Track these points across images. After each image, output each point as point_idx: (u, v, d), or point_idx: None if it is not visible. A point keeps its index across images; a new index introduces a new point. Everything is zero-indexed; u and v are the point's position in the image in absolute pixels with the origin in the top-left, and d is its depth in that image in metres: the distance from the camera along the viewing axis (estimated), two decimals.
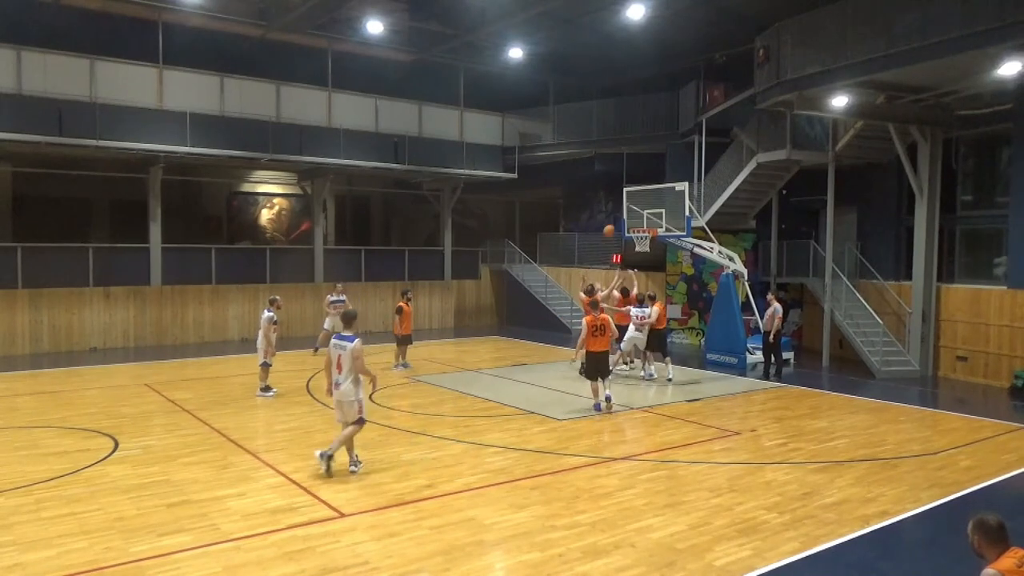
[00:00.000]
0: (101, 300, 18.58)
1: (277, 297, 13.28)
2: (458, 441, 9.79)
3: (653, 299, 14.66)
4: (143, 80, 18.09)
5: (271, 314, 12.46)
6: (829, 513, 7.22)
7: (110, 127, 17.35)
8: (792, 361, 16.81)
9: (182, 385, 13.54)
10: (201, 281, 19.88)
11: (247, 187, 24.84)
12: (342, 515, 7.02)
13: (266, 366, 12.50)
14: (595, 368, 11.57)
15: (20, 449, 9.29)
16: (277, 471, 8.37)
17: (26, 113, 16.43)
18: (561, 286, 24.44)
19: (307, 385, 13.58)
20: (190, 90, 18.69)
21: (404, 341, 15.62)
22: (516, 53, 22.21)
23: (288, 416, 11.27)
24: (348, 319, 8.57)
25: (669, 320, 16.76)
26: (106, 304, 18.63)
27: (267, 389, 12.55)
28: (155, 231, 19.24)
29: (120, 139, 17.50)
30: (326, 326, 17.10)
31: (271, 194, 25.34)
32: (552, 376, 14.69)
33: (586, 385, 11.77)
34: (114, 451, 9.17)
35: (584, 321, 11.53)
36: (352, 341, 8.16)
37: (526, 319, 24.05)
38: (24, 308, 17.63)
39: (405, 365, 15.49)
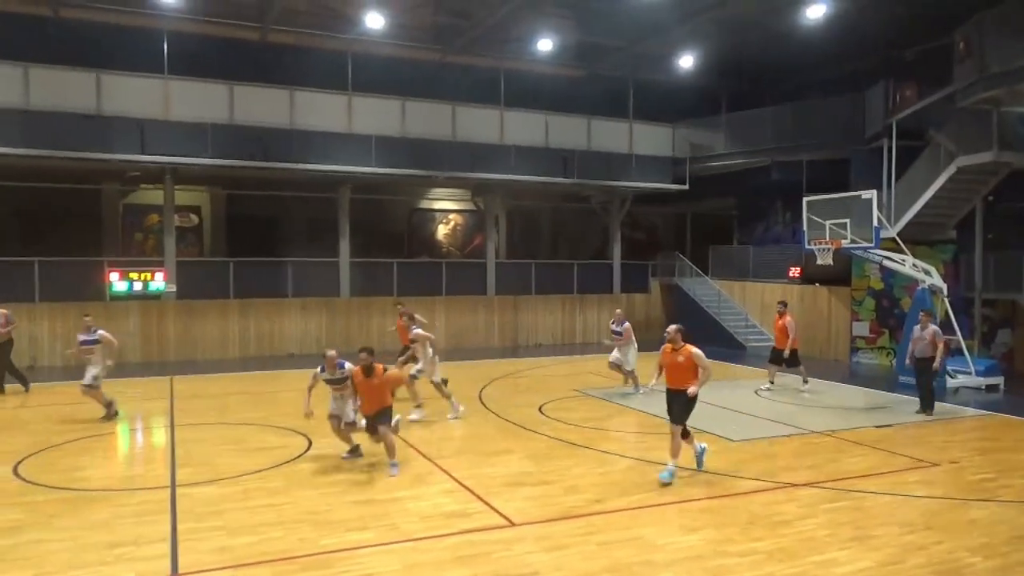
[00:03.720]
0: (298, 310, 20.36)
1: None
2: (625, 457, 9.72)
3: (782, 313, 14.78)
4: (334, 107, 19.69)
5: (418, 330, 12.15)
6: None
7: (306, 151, 19.05)
8: (1000, 387, 15.07)
9: None
10: (385, 293, 21.17)
11: (425, 204, 26.22)
12: (512, 524, 7.18)
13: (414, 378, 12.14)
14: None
15: (231, 443, 10.39)
16: (451, 476, 8.72)
17: (236, 141, 18.41)
18: (735, 301, 23.55)
19: (479, 395, 14.05)
20: (375, 114, 20.08)
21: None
22: (686, 61, 21.78)
23: (462, 424, 11.73)
24: None
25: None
26: (302, 313, 20.40)
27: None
28: (344, 246, 20.81)
29: (314, 162, 19.17)
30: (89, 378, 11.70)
31: (447, 210, 26.55)
32: (725, 394, 14.16)
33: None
34: (308, 449, 10.00)
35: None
36: None
37: (698, 334, 22.84)
38: (235, 316, 19.72)
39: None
